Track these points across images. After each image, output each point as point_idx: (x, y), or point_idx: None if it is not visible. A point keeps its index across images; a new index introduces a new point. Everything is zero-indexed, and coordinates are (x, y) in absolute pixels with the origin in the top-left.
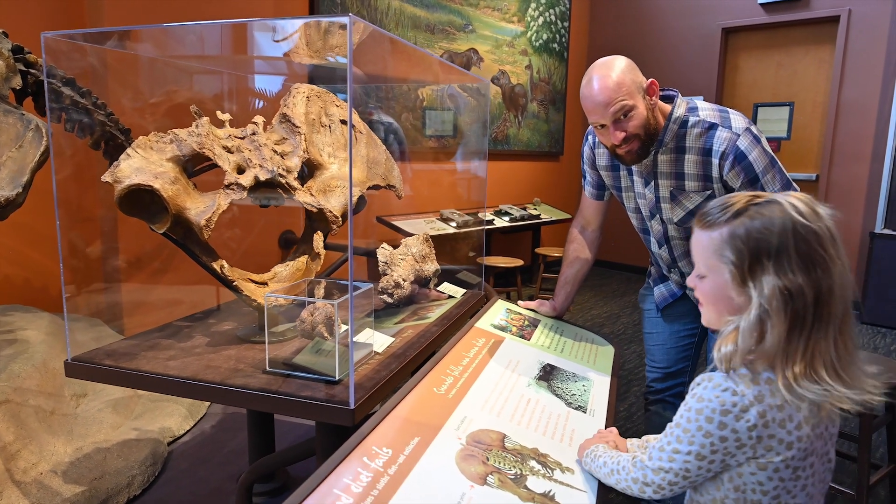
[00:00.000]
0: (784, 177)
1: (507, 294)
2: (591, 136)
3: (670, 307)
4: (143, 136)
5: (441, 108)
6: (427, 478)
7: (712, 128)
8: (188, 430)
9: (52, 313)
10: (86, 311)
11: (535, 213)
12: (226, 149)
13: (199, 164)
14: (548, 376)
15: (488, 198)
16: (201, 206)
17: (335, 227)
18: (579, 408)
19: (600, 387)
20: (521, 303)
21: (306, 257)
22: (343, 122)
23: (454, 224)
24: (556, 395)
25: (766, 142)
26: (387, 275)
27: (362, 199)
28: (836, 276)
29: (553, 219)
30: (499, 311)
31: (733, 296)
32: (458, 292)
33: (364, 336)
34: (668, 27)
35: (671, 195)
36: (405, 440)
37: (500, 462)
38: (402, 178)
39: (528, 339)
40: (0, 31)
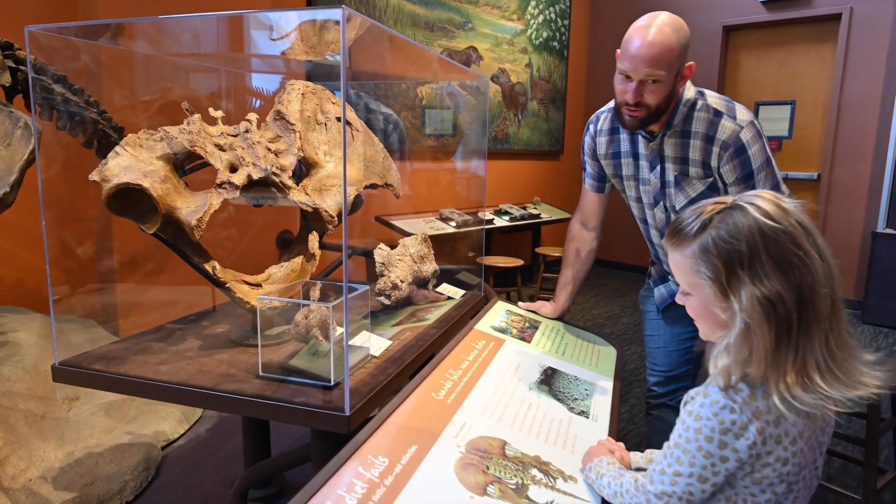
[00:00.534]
0: (776, 178)
1: (507, 294)
2: (591, 126)
3: (671, 308)
4: (132, 134)
5: (440, 107)
6: (425, 488)
7: (717, 115)
8: (183, 434)
9: (45, 315)
10: (80, 311)
11: (535, 212)
12: (218, 147)
13: (191, 163)
14: (549, 380)
15: (488, 197)
16: (192, 206)
17: (331, 228)
18: (582, 413)
19: (603, 390)
20: (521, 304)
21: (301, 258)
22: (339, 120)
23: (454, 224)
24: (558, 400)
25: (767, 140)
26: (384, 276)
27: (359, 198)
28: (816, 272)
29: (553, 218)
30: (499, 313)
31: (718, 312)
32: (458, 293)
33: (360, 339)
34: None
35: (675, 180)
36: (402, 448)
37: (500, 471)
38: (401, 177)
39: (529, 342)
40: None
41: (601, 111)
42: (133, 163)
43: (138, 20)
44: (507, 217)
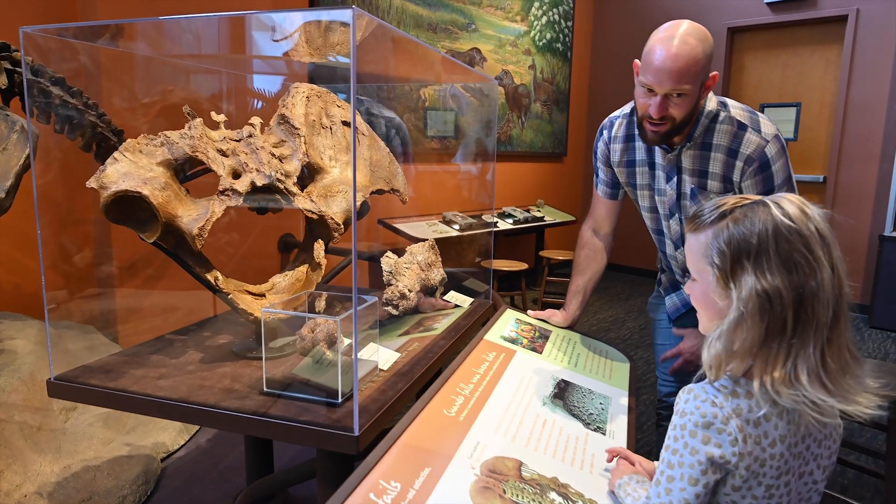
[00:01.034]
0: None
1: (511, 298)
2: (605, 131)
3: (683, 318)
4: (131, 139)
5: (446, 109)
6: None
7: (741, 128)
8: (182, 445)
9: (44, 321)
10: (79, 317)
11: (538, 215)
12: (220, 152)
13: (193, 169)
14: (563, 393)
15: (487, 199)
16: (194, 214)
17: (337, 235)
18: (598, 429)
19: (618, 405)
20: (530, 312)
21: (306, 267)
22: (345, 124)
23: (457, 227)
24: (573, 415)
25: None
26: (391, 285)
27: (365, 204)
28: (822, 279)
29: (557, 221)
30: (508, 322)
31: (717, 299)
32: (466, 301)
33: (368, 352)
34: None
35: (692, 193)
36: (415, 472)
37: (518, 495)
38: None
39: (540, 353)
40: None
41: (615, 116)
42: (132, 169)
43: (138, 21)
44: (510, 220)
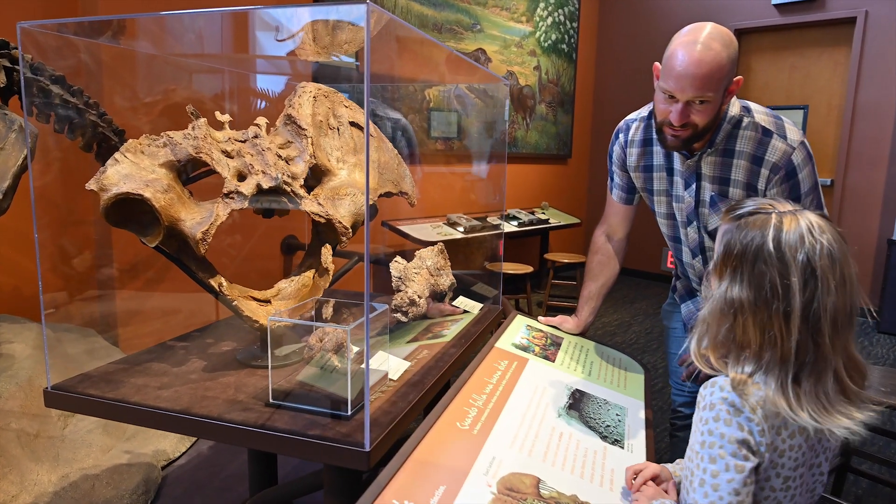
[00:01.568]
0: (820, 202)
1: (516, 301)
2: (621, 134)
3: None
4: (133, 140)
5: (452, 110)
6: None
7: (766, 135)
8: (184, 453)
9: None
10: (79, 320)
11: (543, 217)
12: (225, 153)
13: (196, 170)
14: (578, 404)
15: (496, 201)
16: (197, 217)
17: (345, 239)
18: (616, 442)
19: (635, 416)
20: (542, 319)
21: (313, 272)
22: (352, 125)
23: (461, 229)
24: (590, 427)
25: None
26: (400, 291)
27: (373, 207)
28: (793, 307)
29: (562, 223)
30: (519, 329)
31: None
32: (475, 307)
33: (377, 360)
34: (679, 28)
35: (711, 200)
36: (429, 490)
37: None
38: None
39: (553, 361)
40: None
41: (631, 118)
42: (134, 171)
43: (139, 16)
44: (515, 222)
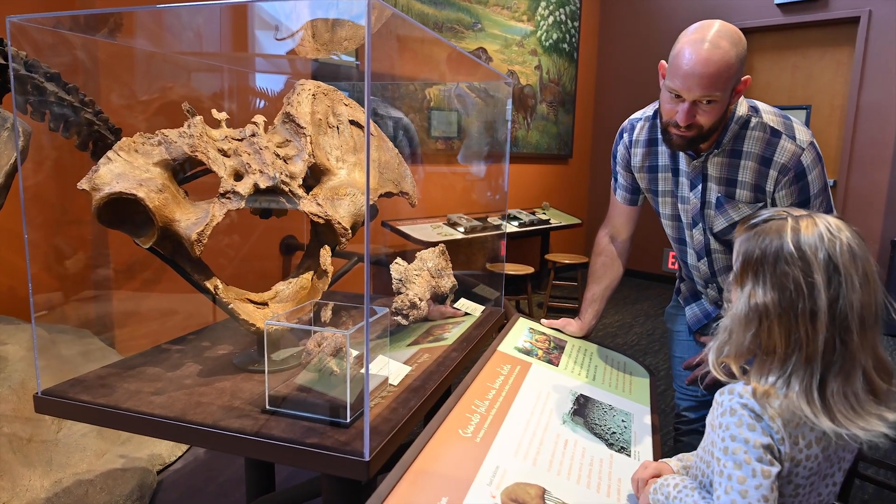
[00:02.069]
0: (829, 204)
1: (517, 302)
2: (626, 134)
3: (705, 329)
4: (126, 138)
5: (453, 109)
6: None
7: (775, 135)
8: (180, 457)
9: (38, 325)
10: (74, 321)
11: (543, 217)
12: (222, 152)
13: (192, 170)
14: (583, 410)
15: (497, 202)
16: (193, 218)
17: (344, 240)
18: (622, 449)
19: (641, 423)
20: (544, 322)
21: (311, 274)
22: (352, 123)
23: (461, 229)
24: (595, 434)
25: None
26: (401, 293)
27: (373, 207)
28: (819, 306)
29: (562, 224)
30: (521, 332)
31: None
32: (477, 309)
33: (377, 365)
34: (680, 27)
35: (717, 202)
36: (431, 501)
37: None
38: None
39: (556, 365)
40: None
41: (636, 118)
42: (127, 170)
43: (135, 9)
44: (515, 222)
